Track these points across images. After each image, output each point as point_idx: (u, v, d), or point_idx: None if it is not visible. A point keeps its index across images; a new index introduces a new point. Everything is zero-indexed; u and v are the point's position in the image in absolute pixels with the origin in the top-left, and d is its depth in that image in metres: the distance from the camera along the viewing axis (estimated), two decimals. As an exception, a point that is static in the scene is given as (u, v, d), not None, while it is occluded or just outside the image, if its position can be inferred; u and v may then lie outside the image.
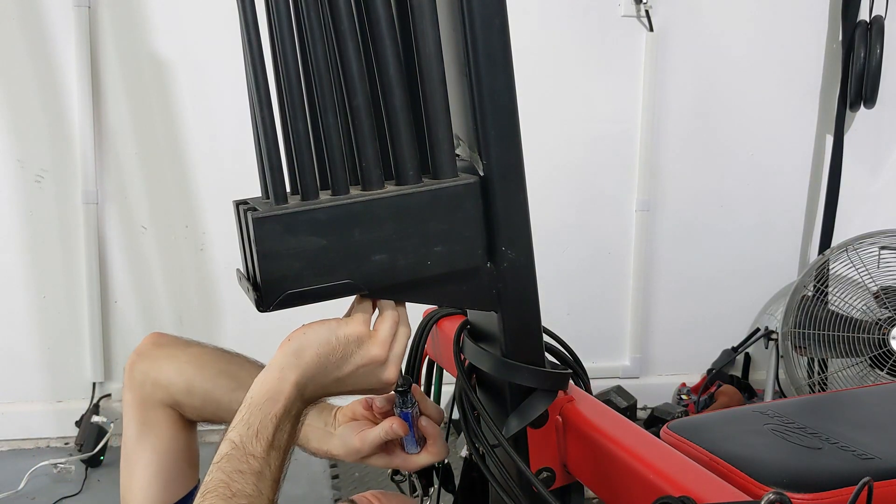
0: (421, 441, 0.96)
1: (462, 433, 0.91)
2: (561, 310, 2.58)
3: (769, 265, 2.74)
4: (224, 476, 0.71)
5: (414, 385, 0.94)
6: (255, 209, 0.72)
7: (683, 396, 2.61)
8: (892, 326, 2.20)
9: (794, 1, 2.57)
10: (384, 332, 0.78)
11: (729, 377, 2.69)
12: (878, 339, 2.21)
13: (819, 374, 2.45)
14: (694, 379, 2.69)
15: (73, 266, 2.29)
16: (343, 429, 0.99)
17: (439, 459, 0.97)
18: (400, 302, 0.81)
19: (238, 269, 0.80)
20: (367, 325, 0.78)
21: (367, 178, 0.74)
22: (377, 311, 0.81)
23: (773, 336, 2.59)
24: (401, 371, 0.90)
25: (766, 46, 2.58)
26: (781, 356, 2.52)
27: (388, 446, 0.97)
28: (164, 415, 1.05)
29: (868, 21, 2.48)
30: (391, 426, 0.92)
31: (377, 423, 0.97)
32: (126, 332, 2.37)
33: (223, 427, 0.81)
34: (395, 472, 1.12)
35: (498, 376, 0.84)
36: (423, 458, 0.96)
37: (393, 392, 0.92)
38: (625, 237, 2.62)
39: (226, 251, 2.36)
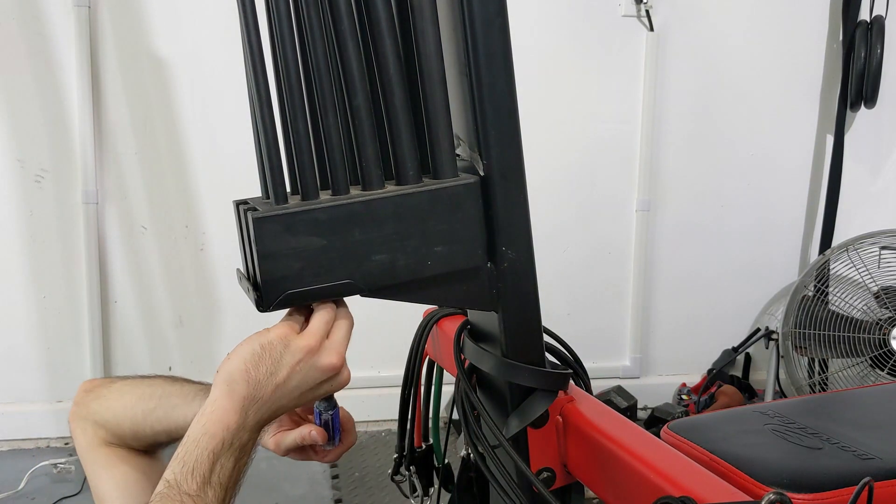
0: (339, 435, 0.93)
1: (462, 433, 0.91)
2: (561, 310, 2.58)
3: (769, 265, 2.74)
4: None
5: None
6: (255, 209, 0.72)
7: (684, 396, 2.61)
8: (893, 326, 2.20)
9: (794, 1, 2.57)
10: (314, 324, 0.76)
11: (729, 377, 2.68)
12: (879, 339, 2.21)
13: (819, 374, 2.44)
14: (694, 379, 2.69)
15: (73, 266, 2.29)
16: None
17: (351, 447, 0.94)
18: (341, 301, 0.79)
19: (238, 269, 0.80)
20: (291, 327, 0.75)
21: (367, 178, 0.74)
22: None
23: (774, 336, 2.59)
24: None
25: (766, 46, 2.58)
26: (782, 356, 2.52)
27: (303, 447, 0.95)
28: (111, 453, 1.05)
29: (868, 21, 2.48)
30: (309, 433, 0.90)
31: (299, 420, 0.95)
32: (126, 332, 2.37)
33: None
34: (395, 472, 1.12)
35: (498, 376, 0.84)
36: (339, 450, 0.94)
37: None
38: (625, 237, 2.62)
39: (226, 251, 2.36)
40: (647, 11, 2.44)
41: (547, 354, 0.87)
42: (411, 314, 1.13)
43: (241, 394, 0.73)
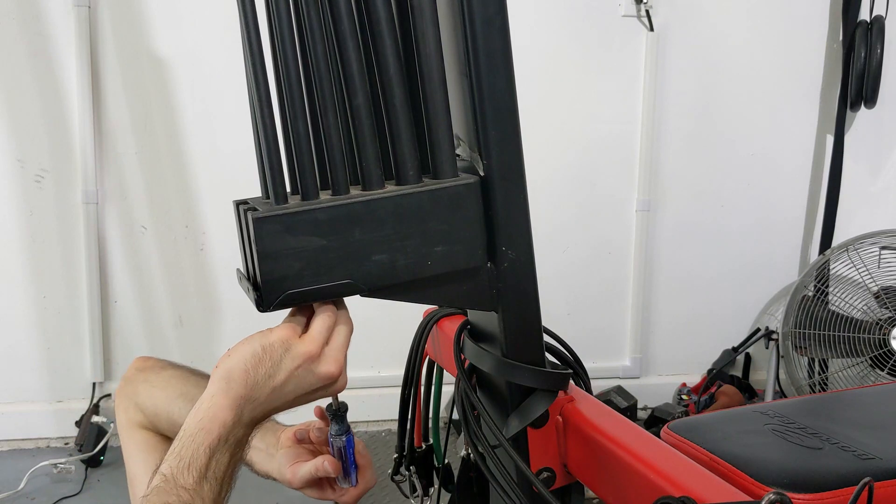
0: (355, 469, 0.93)
1: (462, 433, 0.91)
2: (561, 310, 2.58)
3: (769, 265, 2.74)
4: None
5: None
6: (255, 209, 0.72)
7: (684, 396, 2.61)
8: (893, 326, 2.20)
9: (794, 1, 2.57)
10: (315, 329, 0.75)
11: (729, 377, 2.68)
12: (879, 339, 2.21)
13: (819, 374, 2.44)
14: (694, 379, 2.69)
15: (73, 266, 2.29)
16: (283, 453, 0.98)
17: (369, 489, 0.95)
18: (342, 305, 0.79)
19: (238, 269, 0.80)
20: (293, 330, 0.75)
21: (368, 178, 0.74)
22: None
23: (774, 336, 2.59)
24: (336, 397, 0.88)
25: (766, 46, 2.58)
26: (782, 356, 2.52)
27: (320, 481, 0.95)
28: (147, 437, 1.08)
29: (868, 21, 2.48)
30: (322, 463, 0.91)
31: (316, 452, 0.96)
32: (126, 332, 2.37)
33: None
34: (395, 472, 1.12)
35: (498, 376, 0.84)
36: (357, 492, 0.94)
37: (325, 418, 0.90)
38: (625, 237, 2.62)
39: (226, 251, 2.36)
40: (647, 11, 2.44)
41: (547, 354, 0.87)
42: (411, 314, 1.13)
43: (238, 392, 0.73)
